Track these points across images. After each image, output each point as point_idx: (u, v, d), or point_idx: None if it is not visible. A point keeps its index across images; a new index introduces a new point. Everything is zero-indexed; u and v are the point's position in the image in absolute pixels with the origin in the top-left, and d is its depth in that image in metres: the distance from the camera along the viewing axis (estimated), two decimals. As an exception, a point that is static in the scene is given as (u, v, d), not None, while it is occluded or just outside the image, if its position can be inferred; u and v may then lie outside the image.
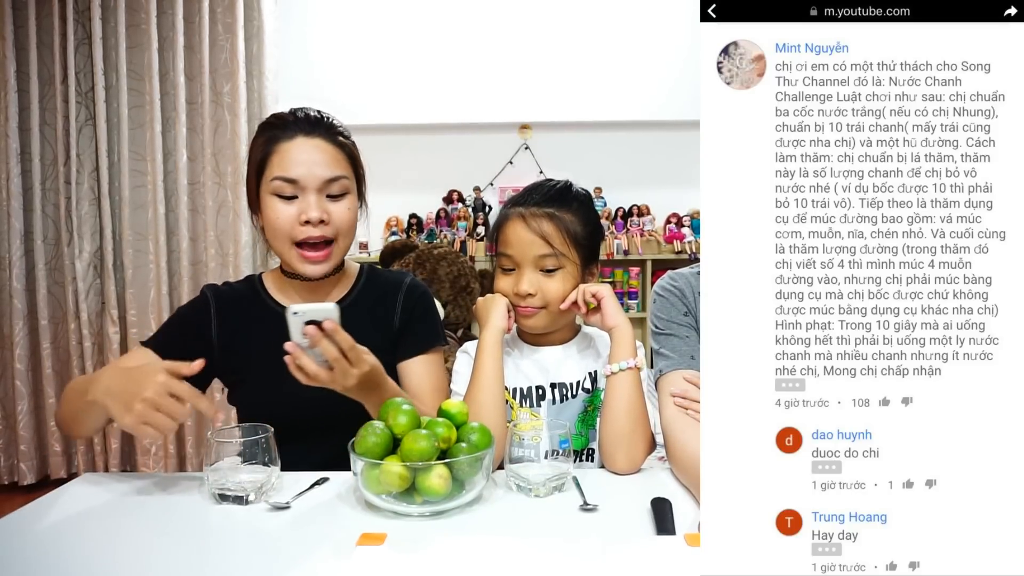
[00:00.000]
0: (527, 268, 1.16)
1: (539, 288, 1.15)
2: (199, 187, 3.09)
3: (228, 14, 3.02)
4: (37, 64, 2.95)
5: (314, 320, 0.95)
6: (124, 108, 3.00)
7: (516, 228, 1.16)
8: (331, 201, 1.15)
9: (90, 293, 3.06)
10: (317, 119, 1.18)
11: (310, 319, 0.95)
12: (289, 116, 1.17)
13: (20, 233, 2.97)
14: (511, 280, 1.18)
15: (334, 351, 0.97)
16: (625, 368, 1.10)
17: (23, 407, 3.01)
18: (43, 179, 3.03)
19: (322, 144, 1.15)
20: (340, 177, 1.15)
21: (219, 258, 3.09)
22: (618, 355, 1.12)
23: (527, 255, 1.16)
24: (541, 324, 1.19)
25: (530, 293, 1.15)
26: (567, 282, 1.16)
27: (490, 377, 1.13)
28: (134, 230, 3.07)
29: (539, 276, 1.16)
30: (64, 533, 0.88)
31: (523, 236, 1.15)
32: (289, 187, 1.12)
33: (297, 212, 1.12)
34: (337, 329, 0.96)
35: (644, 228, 3.46)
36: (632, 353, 1.12)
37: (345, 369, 0.98)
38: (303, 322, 0.95)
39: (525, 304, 1.16)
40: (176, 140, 3.03)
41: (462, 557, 0.81)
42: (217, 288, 1.27)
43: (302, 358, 0.97)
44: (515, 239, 1.16)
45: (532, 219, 1.16)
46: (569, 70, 3.46)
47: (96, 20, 2.94)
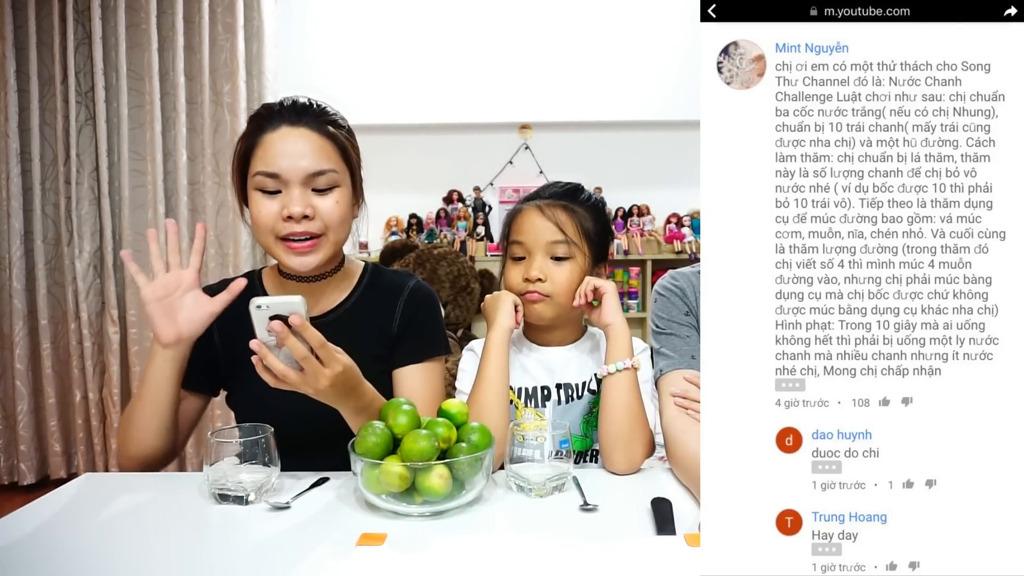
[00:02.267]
0: (538, 254, 1.16)
1: (548, 275, 1.15)
2: (199, 187, 3.09)
3: (228, 14, 3.03)
4: (37, 64, 2.95)
5: (280, 315, 0.88)
6: (124, 108, 3.00)
7: (531, 216, 1.18)
8: (317, 195, 1.08)
9: (90, 293, 3.06)
10: (304, 107, 1.11)
11: (275, 313, 0.88)
12: (276, 106, 1.12)
13: (20, 233, 2.97)
14: (521, 268, 1.18)
15: (303, 349, 0.89)
16: (622, 369, 1.10)
17: (23, 407, 3.01)
18: (43, 179, 3.03)
19: (307, 134, 1.08)
20: (326, 170, 1.08)
21: (219, 258, 3.09)
22: (614, 355, 1.12)
23: (539, 241, 1.16)
24: (548, 313, 1.17)
25: (539, 278, 1.15)
26: (576, 273, 1.16)
27: (495, 376, 1.13)
28: (134, 230, 3.07)
29: (549, 263, 1.16)
30: (64, 533, 0.88)
31: (537, 223, 1.17)
32: (271, 181, 1.06)
33: (280, 207, 1.06)
34: (305, 325, 0.89)
35: (644, 228, 3.46)
36: (629, 353, 1.12)
37: (316, 369, 0.91)
38: (268, 317, 0.88)
39: (533, 289, 1.16)
40: (176, 140, 3.03)
41: (462, 557, 0.81)
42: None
43: (268, 357, 0.90)
44: (528, 226, 1.17)
45: (547, 208, 1.18)
46: (569, 70, 3.46)
47: (96, 20, 2.95)
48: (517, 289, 1.18)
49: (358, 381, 0.99)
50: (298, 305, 0.89)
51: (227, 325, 1.18)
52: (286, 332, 0.88)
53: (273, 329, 0.88)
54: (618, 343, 1.13)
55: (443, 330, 1.26)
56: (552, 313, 1.18)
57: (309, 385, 0.93)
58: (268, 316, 0.88)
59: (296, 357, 0.90)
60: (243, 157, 1.11)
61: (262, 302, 0.89)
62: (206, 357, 1.18)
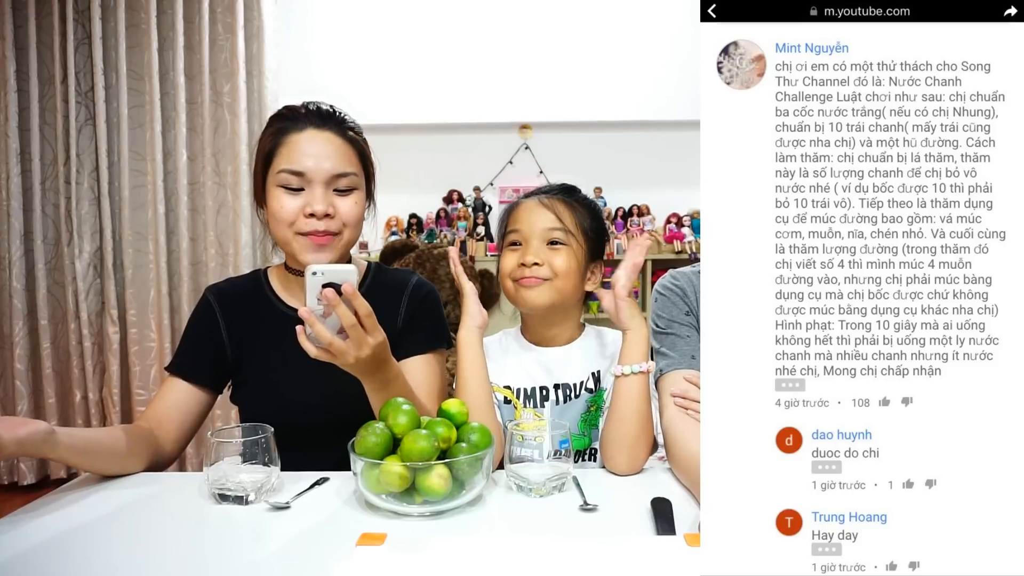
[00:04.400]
0: (534, 240, 1.17)
1: (545, 260, 1.15)
2: (199, 187, 3.09)
3: (228, 14, 3.03)
4: (37, 64, 2.95)
5: (332, 283, 0.90)
6: (124, 108, 3.00)
7: (528, 206, 1.20)
8: (338, 196, 1.13)
9: (90, 293, 3.06)
10: (329, 113, 1.17)
11: (329, 280, 0.90)
12: (301, 109, 1.16)
13: (20, 233, 2.97)
14: (516, 254, 1.18)
15: (351, 317, 0.92)
16: (637, 372, 1.09)
17: (23, 407, 3.01)
18: (43, 179, 3.03)
19: (332, 138, 1.13)
20: (348, 173, 1.13)
21: (219, 258, 3.09)
22: (630, 358, 1.10)
23: (536, 228, 1.17)
24: (545, 298, 1.16)
25: (536, 263, 1.15)
26: (573, 261, 1.16)
27: (471, 377, 1.13)
28: (134, 230, 3.07)
29: (546, 249, 1.16)
30: (64, 533, 0.88)
31: (535, 211, 1.18)
32: (296, 179, 1.11)
33: (302, 204, 1.11)
34: (355, 293, 0.92)
35: (644, 228, 3.46)
36: (644, 357, 1.10)
37: (360, 337, 0.93)
38: (321, 284, 0.90)
39: (530, 275, 1.15)
40: (176, 140, 3.03)
41: (462, 557, 0.81)
42: (219, 288, 1.26)
43: (316, 324, 0.92)
44: (526, 216, 1.19)
45: (545, 199, 1.19)
46: (569, 70, 3.46)
47: (96, 20, 2.95)
48: (513, 274, 1.17)
49: (388, 354, 1.02)
50: (351, 274, 0.92)
51: (235, 320, 1.22)
52: (337, 299, 0.91)
53: (325, 296, 0.90)
54: (635, 346, 1.10)
55: (445, 323, 1.29)
56: (549, 299, 1.16)
57: (351, 354, 0.94)
58: (321, 284, 0.91)
59: (345, 324, 0.92)
60: (266, 155, 1.14)
61: (318, 268, 0.91)
62: (214, 352, 1.20)
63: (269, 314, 1.21)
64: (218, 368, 1.21)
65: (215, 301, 1.23)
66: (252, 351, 1.20)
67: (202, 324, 1.22)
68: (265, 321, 1.20)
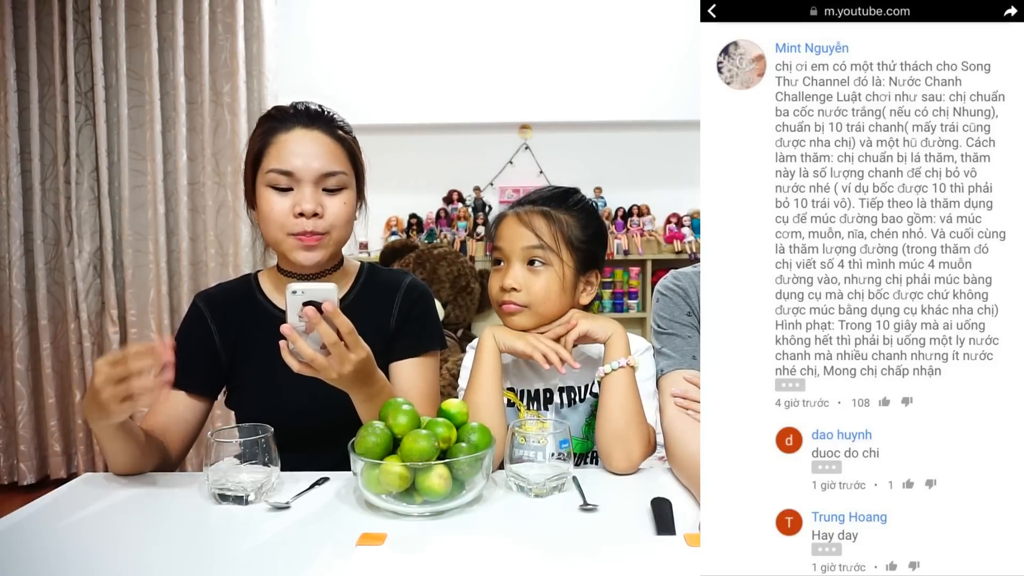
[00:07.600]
0: (515, 261, 1.15)
1: (524, 284, 1.14)
2: (199, 187, 3.09)
3: (228, 14, 3.03)
4: (37, 64, 2.95)
5: (313, 301, 0.92)
6: (124, 108, 3.00)
7: (509, 222, 1.17)
8: (327, 195, 1.12)
9: (90, 293, 3.06)
10: (317, 112, 1.16)
11: (310, 299, 0.92)
12: (289, 109, 1.16)
13: (20, 233, 2.97)
14: (499, 275, 1.17)
15: (333, 335, 0.93)
16: (617, 368, 1.09)
17: (23, 407, 3.01)
18: (43, 179, 3.03)
19: (320, 137, 1.13)
20: (337, 172, 1.12)
21: (219, 258, 3.09)
22: (610, 355, 1.11)
23: (515, 247, 1.15)
24: (525, 324, 1.15)
25: (514, 288, 1.14)
26: (554, 282, 1.14)
27: (488, 379, 1.12)
28: (134, 230, 3.07)
29: (525, 271, 1.15)
30: (64, 533, 0.88)
31: (514, 229, 1.16)
32: (284, 179, 1.10)
33: (291, 204, 1.10)
34: (336, 311, 0.93)
35: (644, 228, 3.46)
36: (625, 352, 1.11)
37: (342, 354, 0.94)
38: (302, 302, 0.92)
39: (509, 300, 1.14)
40: (176, 140, 3.03)
41: (462, 557, 0.81)
42: (209, 295, 1.25)
43: (298, 341, 0.93)
44: (506, 232, 1.17)
45: (524, 215, 1.16)
46: (569, 70, 3.46)
47: (96, 20, 2.95)
48: (496, 298, 1.18)
49: (373, 368, 1.02)
50: (332, 292, 0.93)
51: (227, 325, 1.21)
52: (318, 318, 0.92)
53: (306, 314, 0.92)
54: (615, 347, 1.12)
55: (439, 325, 1.28)
56: (530, 324, 1.15)
57: (334, 370, 0.95)
58: (302, 302, 0.92)
59: (326, 342, 0.93)
60: (255, 155, 1.14)
61: (298, 287, 0.92)
62: (207, 358, 1.19)
63: (261, 317, 1.20)
64: (213, 374, 1.21)
65: (205, 307, 1.22)
66: (246, 354, 1.20)
67: (193, 331, 1.21)
68: (258, 324, 1.19)
